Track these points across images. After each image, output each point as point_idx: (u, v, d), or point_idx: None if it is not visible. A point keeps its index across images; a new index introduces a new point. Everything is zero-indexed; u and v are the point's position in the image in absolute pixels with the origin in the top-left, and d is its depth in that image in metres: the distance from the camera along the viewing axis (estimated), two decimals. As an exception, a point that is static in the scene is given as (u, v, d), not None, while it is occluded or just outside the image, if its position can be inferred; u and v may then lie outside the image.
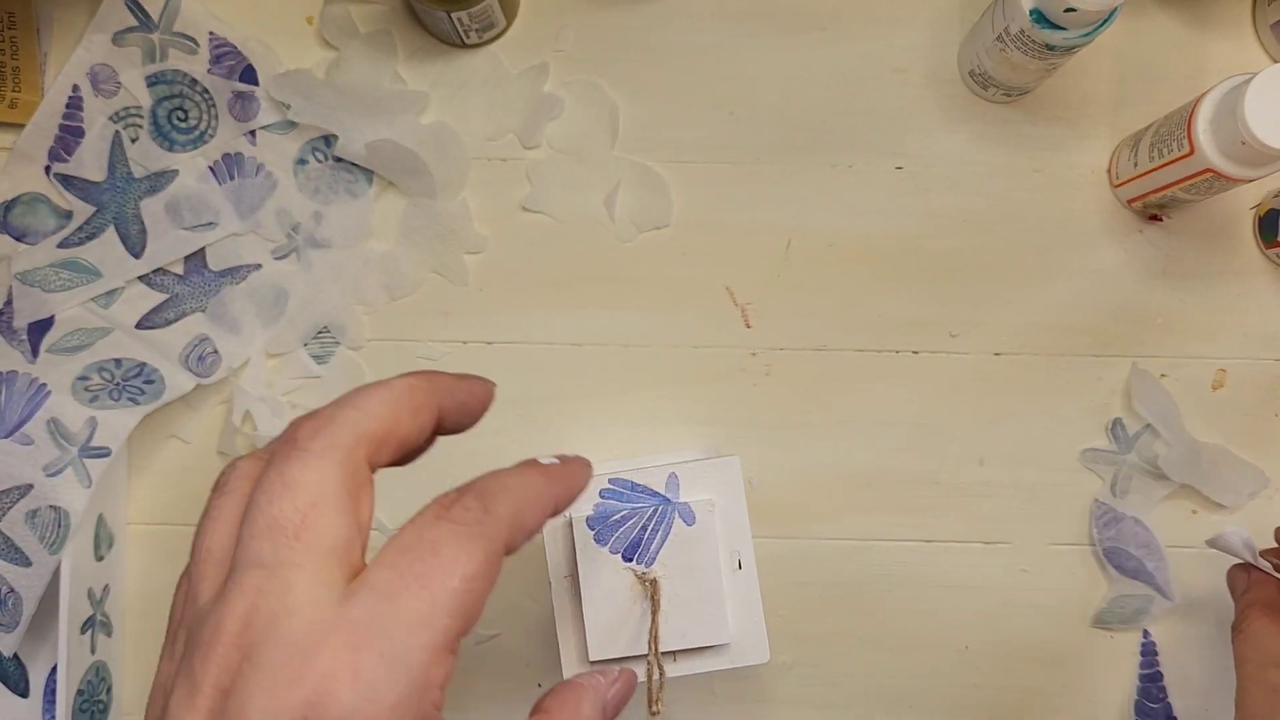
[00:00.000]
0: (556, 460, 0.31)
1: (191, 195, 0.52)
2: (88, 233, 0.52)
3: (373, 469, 0.28)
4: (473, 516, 0.26)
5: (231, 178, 0.52)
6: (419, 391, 0.30)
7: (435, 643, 0.24)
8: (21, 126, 0.52)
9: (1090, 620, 0.52)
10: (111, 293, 0.51)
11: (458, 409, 0.31)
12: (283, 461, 0.26)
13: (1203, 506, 0.53)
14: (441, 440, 0.55)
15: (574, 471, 0.32)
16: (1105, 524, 0.52)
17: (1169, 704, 0.52)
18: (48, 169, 0.52)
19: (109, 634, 0.50)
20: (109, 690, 0.51)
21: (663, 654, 0.42)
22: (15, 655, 0.51)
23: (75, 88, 0.52)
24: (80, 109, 0.52)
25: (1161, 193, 0.50)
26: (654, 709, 0.40)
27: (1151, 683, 0.52)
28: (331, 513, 0.25)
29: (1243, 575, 0.47)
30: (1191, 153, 0.46)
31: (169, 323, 0.52)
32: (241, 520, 0.25)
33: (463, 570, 0.25)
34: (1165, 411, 0.52)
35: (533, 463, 0.31)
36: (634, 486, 0.44)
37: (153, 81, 0.52)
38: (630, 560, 0.43)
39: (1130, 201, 0.53)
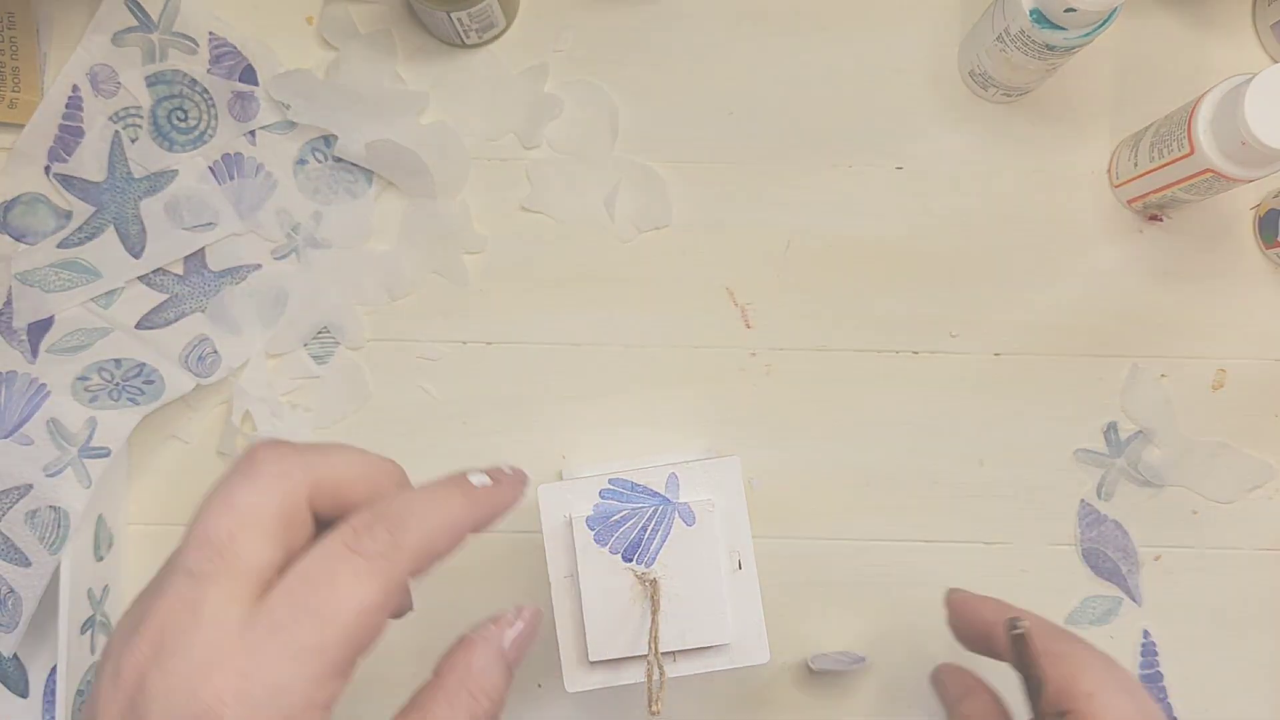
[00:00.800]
0: (488, 479, 0.31)
1: (191, 195, 0.52)
2: (87, 233, 0.52)
3: (315, 512, 0.29)
4: (378, 549, 0.27)
5: (231, 178, 0.52)
6: (398, 479, 0.31)
7: (322, 672, 0.26)
8: (21, 126, 0.52)
9: (1062, 619, 0.52)
10: (111, 293, 0.51)
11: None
12: (233, 477, 0.28)
13: (1204, 506, 0.53)
14: (442, 440, 0.55)
15: (501, 492, 0.32)
16: (1088, 525, 0.52)
17: (1169, 704, 0.52)
18: (47, 169, 0.52)
19: (109, 634, 0.50)
20: (109, 690, 0.51)
21: (663, 654, 0.42)
22: (15, 655, 0.51)
23: (75, 88, 0.52)
24: (80, 109, 0.52)
25: (1161, 193, 0.50)
26: (654, 709, 0.40)
27: (1151, 683, 0.52)
28: (260, 536, 0.27)
29: (957, 679, 0.42)
30: (1191, 153, 0.46)
31: (169, 323, 0.52)
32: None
33: (359, 604, 0.26)
34: (1158, 413, 0.52)
35: (458, 482, 0.31)
36: (634, 487, 0.44)
37: (152, 82, 0.52)
38: (630, 560, 0.43)
39: (1130, 202, 0.53)
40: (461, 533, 0.30)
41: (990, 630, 0.40)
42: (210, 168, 0.52)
